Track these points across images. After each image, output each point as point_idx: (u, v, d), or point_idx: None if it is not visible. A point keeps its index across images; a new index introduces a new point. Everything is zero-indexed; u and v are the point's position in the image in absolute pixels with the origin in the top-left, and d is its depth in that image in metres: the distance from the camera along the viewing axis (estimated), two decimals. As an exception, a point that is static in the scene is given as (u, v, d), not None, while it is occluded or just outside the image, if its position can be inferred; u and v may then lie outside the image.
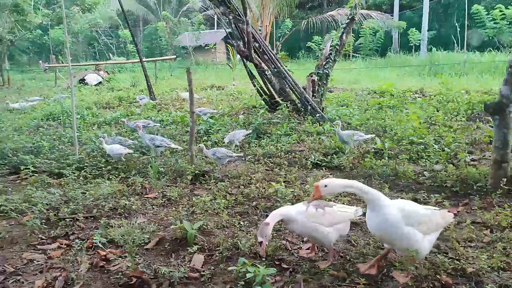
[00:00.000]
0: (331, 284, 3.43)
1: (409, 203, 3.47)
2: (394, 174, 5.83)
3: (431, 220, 3.35)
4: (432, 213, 3.41)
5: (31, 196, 5.25)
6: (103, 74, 22.00)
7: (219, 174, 6.22)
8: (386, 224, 3.21)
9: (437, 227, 3.44)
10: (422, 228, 3.27)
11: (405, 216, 3.22)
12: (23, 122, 10.36)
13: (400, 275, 3.42)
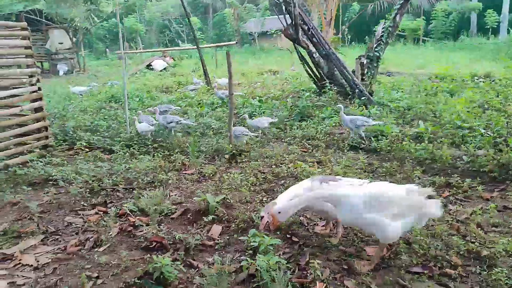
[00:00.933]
0: (337, 259, 3.50)
1: (377, 190, 3.29)
2: (430, 158, 5.67)
3: (404, 204, 3.23)
4: (408, 194, 3.27)
5: (80, 169, 5.78)
6: (168, 60, 22.92)
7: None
8: (349, 214, 3.22)
9: (412, 210, 3.27)
10: (392, 212, 3.18)
11: (367, 204, 3.16)
12: (89, 103, 11.19)
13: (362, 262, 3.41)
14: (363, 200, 3.17)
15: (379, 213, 3.15)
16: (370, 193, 3.22)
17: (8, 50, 6.75)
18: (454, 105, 7.57)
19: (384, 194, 3.24)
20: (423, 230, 3.82)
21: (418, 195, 3.31)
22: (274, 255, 3.29)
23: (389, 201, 3.20)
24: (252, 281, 3.17)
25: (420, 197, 3.30)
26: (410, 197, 3.27)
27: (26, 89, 6.94)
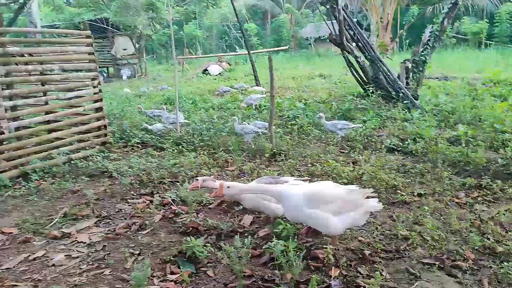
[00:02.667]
0: (355, 248, 3.74)
1: (317, 187, 3.64)
2: (464, 161, 5.71)
3: (345, 201, 3.50)
4: (348, 193, 3.55)
5: (133, 163, 6.38)
6: (224, 65, 23.70)
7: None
8: (291, 210, 3.53)
9: (353, 207, 3.53)
10: (330, 208, 3.44)
11: (308, 200, 3.44)
12: (146, 105, 11.98)
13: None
14: (303, 197, 3.46)
15: (319, 208, 3.43)
16: (310, 191, 3.52)
17: (74, 56, 7.53)
18: (498, 109, 7.46)
19: (323, 192, 3.54)
20: (444, 227, 3.97)
21: (357, 194, 3.58)
22: (295, 241, 3.59)
23: (328, 198, 3.49)
24: (273, 263, 3.49)
25: (359, 196, 3.57)
26: (349, 196, 3.54)
27: (89, 91, 7.70)
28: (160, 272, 3.49)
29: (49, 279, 3.48)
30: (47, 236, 4.31)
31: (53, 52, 7.37)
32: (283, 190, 3.59)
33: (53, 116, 7.22)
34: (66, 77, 7.50)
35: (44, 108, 7.16)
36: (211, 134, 7.97)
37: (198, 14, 36.05)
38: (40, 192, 5.63)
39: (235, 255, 3.46)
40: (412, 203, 4.67)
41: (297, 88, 14.27)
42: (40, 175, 6.23)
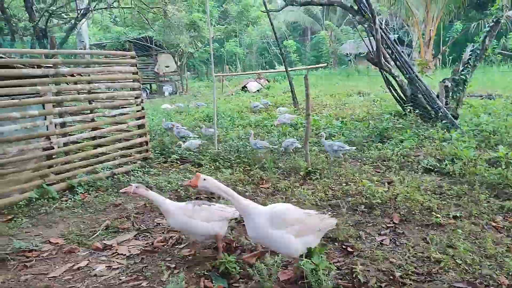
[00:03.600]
0: (386, 269, 3.75)
1: (281, 209, 3.62)
2: (504, 183, 5.58)
3: (305, 224, 3.54)
4: (307, 217, 3.60)
5: (172, 178, 6.62)
6: (263, 82, 24.02)
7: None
8: (255, 229, 3.49)
9: (312, 229, 3.58)
10: (292, 230, 3.47)
11: (272, 221, 3.45)
12: (186, 121, 12.35)
13: (284, 273, 3.68)
14: (269, 218, 3.46)
15: (282, 230, 3.44)
16: (275, 212, 3.53)
17: (119, 75, 7.93)
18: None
19: (287, 214, 3.55)
20: (478, 251, 3.92)
21: (317, 219, 3.63)
22: (325, 261, 3.65)
23: (291, 221, 3.50)
24: (303, 282, 3.56)
25: (317, 221, 3.62)
26: (309, 220, 3.59)
27: (132, 108, 8.07)
28: (194, 286, 3.63)
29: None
30: (90, 247, 4.56)
31: (100, 72, 7.81)
32: (252, 206, 3.56)
33: (98, 132, 7.62)
34: (111, 96, 7.90)
35: (91, 125, 7.57)
36: (248, 151, 8.13)
37: (239, 31, 36.76)
38: (85, 204, 5.96)
39: (266, 272, 3.56)
40: (447, 225, 4.62)
41: (335, 105, 14.29)
42: (85, 189, 6.58)
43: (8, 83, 6.02)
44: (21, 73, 6.18)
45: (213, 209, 4.19)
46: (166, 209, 4.10)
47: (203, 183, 3.61)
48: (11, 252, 4.45)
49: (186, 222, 4.06)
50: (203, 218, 4.07)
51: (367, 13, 9.74)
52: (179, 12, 22.00)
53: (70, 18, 19.94)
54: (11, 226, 5.23)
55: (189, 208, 4.11)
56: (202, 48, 29.63)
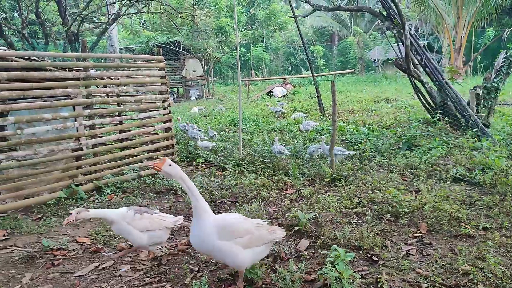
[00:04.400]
0: (412, 280, 3.67)
1: (230, 219, 3.54)
2: (537, 194, 5.39)
3: (254, 235, 3.47)
4: (257, 228, 3.54)
5: (196, 182, 6.66)
6: (289, 87, 23.97)
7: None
8: (201, 237, 3.37)
9: (261, 241, 3.52)
10: (241, 242, 3.40)
11: (220, 231, 3.36)
12: (212, 125, 12.43)
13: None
14: (217, 227, 3.36)
15: (230, 241, 3.36)
16: (223, 222, 3.45)
17: (147, 79, 8.05)
18: None
19: (236, 225, 3.47)
20: (509, 264, 3.79)
21: (265, 230, 3.59)
22: (349, 269, 3.60)
23: (240, 232, 3.43)
24: (326, 290, 3.52)
25: (266, 232, 3.56)
26: (258, 231, 3.51)
27: (159, 111, 8.18)
28: (216, 290, 3.64)
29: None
30: (115, 247, 4.63)
31: (129, 75, 7.94)
32: (205, 210, 3.44)
33: (126, 134, 7.75)
34: (139, 99, 8.02)
35: (119, 127, 7.70)
36: (272, 156, 8.12)
37: (265, 37, 36.88)
38: (111, 205, 6.05)
39: (289, 278, 3.54)
40: (477, 237, 4.49)
41: (362, 111, 14.14)
42: (112, 190, 6.70)
43: (41, 85, 6.20)
44: (53, 75, 6.35)
45: (154, 218, 4.15)
46: (109, 219, 4.05)
47: (167, 168, 3.45)
48: (40, 250, 4.56)
49: (125, 229, 4.03)
50: (141, 228, 4.05)
51: (396, 19, 9.61)
52: (207, 17, 22.24)
53: (101, 23, 20.42)
54: (40, 225, 5.36)
55: (131, 215, 4.07)
56: (228, 53, 29.86)
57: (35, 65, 6.32)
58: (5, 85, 5.84)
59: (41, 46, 16.53)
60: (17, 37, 17.68)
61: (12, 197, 6.02)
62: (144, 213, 4.14)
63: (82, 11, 16.88)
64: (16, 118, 5.92)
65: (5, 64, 5.98)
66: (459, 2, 25.28)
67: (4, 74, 5.78)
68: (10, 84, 5.87)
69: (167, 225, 4.23)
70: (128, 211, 4.09)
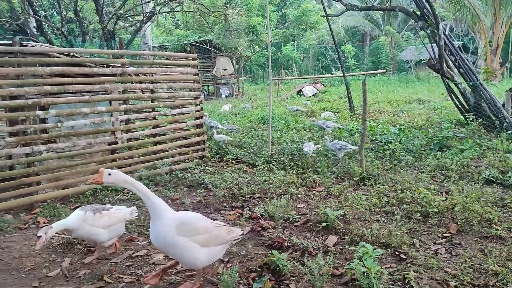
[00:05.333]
0: (440, 278, 3.68)
1: (190, 216, 3.52)
2: None
3: (212, 234, 3.46)
4: (215, 228, 3.54)
5: (226, 177, 6.81)
6: (319, 86, 23.90)
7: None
8: (160, 234, 3.30)
9: (219, 241, 3.52)
10: (199, 239, 3.37)
11: (180, 226, 3.31)
12: (241, 123, 12.59)
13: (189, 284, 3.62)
14: (176, 223, 3.32)
15: (189, 238, 3.33)
16: (182, 218, 3.40)
17: (181, 76, 8.25)
18: None
19: (195, 222, 3.45)
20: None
21: (224, 230, 3.60)
22: (377, 265, 3.64)
23: (199, 229, 3.41)
24: (354, 284, 3.57)
25: (225, 232, 3.59)
26: (216, 231, 3.51)
27: (191, 108, 8.37)
28: (245, 280, 3.75)
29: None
30: (148, 237, 4.80)
31: (163, 72, 8.16)
32: (163, 208, 3.37)
33: (159, 130, 7.97)
34: (172, 95, 8.23)
35: (152, 123, 7.93)
36: (301, 154, 8.18)
37: (296, 36, 36.82)
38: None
39: (316, 272, 3.61)
40: (508, 238, 4.44)
41: (393, 112, 14.00)
42: (145, 183, 6.89)
43: (81, 80, 6.46)
44: (92, 71, 6.61)
45: (112, 213, 4.20)
46: (70, 228, 3.99)
47: (108, 178, 3.31)
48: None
49: (88, 231, 4.04)
50: (103, 225, 4.09)
51: (430, 19, 9.50)
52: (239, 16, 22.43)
53: (136, 21, 20.90)
54: (78, 214, 5.60)
55: (91, 216, 4.05)
56: (259, 52, 29.98)
57: (75, 61, 6.59)
58: (48, 79, 6.13)
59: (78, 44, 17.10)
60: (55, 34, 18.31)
61: (51, 186, 6.31)
62: (102, 210, 4.16)
63: (118, 9, 17.38)
64: (57, 112, 6.20)
65: (47, 60, 6.27)
66: (496, 2, 24.56)
67: (47, 69, 6.07)
68: (52, 79, 6.16)
69: (125, 217, 4.32)
70: (87, 213, 4.04)
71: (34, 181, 6.04)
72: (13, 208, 5.82)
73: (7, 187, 5.95)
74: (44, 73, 6.08)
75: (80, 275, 3.94)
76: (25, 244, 4.66)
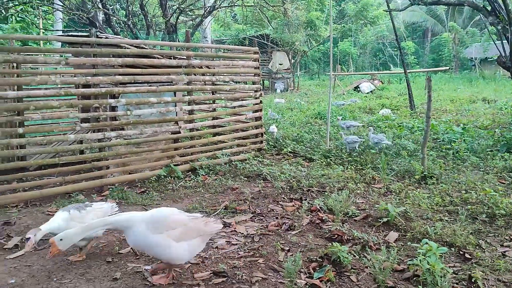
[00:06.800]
0: (507, 281, 3.58)
1: (160, 212, 3.48)
2: None
3: (187, 227, 3.41)
4: (191, 220, 3.49)
5: (284, 170, 6.90)
6: (377, 83, 23.42)
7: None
8: (135, 238, 3.29)
9: (196, 233, 3.46)
10: (174, 234, 3.32)
11: (152, 225, 3.28)
12: (298, 118, 12.62)
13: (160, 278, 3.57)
14: (148, 223, 3.27)
15: (162, 234, 3.27)
16: (153, 216, 3.34)
17: (241, 69, 8.42)
18: None
19: (168, 217, 3.38)
20: None
21: (201, 222, 3.55)
22: (441, 263, 3.59)
23: (172, 224, 3.34)
24: (416, 280, 3.55)
25: (201, 224, 3.53)
26: (192, 223, 3.43)
27: (251, 101, 8.51)
28: (306, 269, 3.82)
29: (213, 258, 4.08)
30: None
31: (225, 65, 8.36)
32: (129, 218, 3.34)
33: (219, 121, 8.18)
34: (233, 88, 8.41)
35: (212, 114, 8.15)
36: (360, 150, 8.10)
37: (354, 31, 36.18)
38: (206, 186, 6.48)
39: (378, 265, 3.62)
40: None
41: (455, 111, 13.50)
42: (205, 172, 7.14)
43: (149, 71, 6.77)
44: (160, 63, 6.90)
45: (97, 209, 4.15)
46: (55, 229, 3.78)
47: (62, 244, 3.21)
48: (146, 219, 5.06)
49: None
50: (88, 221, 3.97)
51: (502, 14, 9.05)
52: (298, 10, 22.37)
53: (196, 16, 21.40)
54: (144, 197, 5.91)
55: (76, 214, 3.92)
56: (316, 47, 29.77)
57: (144, 52, 6.91)
58: (119, 70, 6.47)
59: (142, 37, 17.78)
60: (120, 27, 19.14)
61: (119, 171, 6.67)
62: (85, 207, 4.06)
63: (181, 3, 17.89)
64: (127, 101, 6.54)
65: (120, 51, 6.61)
66: None
67: (119, 60, 6.41)
68: (123, 69, 6.49)
69: (107, 212, 4.27)
70: (71, 212, 3.91)
71: (104, 165, 6.43)
72: (84, 189, 6.22)
73: (80, 169, 6.38)
74: (116, 64, 6.42)
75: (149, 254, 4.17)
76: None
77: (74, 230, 3.28)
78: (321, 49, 38.22)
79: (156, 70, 6.91)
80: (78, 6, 16.33)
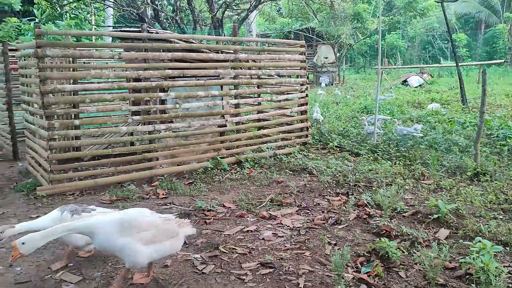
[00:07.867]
0: None
1: (131, 214, 3.36)
2: None
3: (159, 228, 3.31)
4: (163, 222, 3.39)
5: (330, 164, 6.86)
6: (426, 77, 22.67)
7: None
8: (104, 240, 3.14)
9: (168, 235, 3.37)
10: (145, 236, 3.21)
11: (122, 227, 3.14)
12: (344, 112, 12.46)
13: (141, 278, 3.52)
14: (117, 225, 3.13)
15: (132, 237, 3.13)
16: (123, 218, 3.19)
17: (287, 63, 8.40)
18: None
19: (139, 219, 3.24)
20: None
21: (174, 223, 3.45)
22: (495, 262, 3.47)
23: (143, 226, 3.21)
24: (469, 279, 3.45)
25: (175, 225, 3.43)
26: (165, 225, 3.31)
27: (296, 95, 8.49)
28: (353, 264, 3.80)
29: (260, 249, 4.13)
30: (257, 215, 5.05)
31: (271, 59, 8.37)
32: (96, 221, 3.19)
33: (264, 115, 8.22)
34: (279, 82, 8.42)
35: (258, 108, 8.19)
36: (408, 145, 7.91)
37: (403, 24, 35.15)
38: (251, 178, 6.55)
39: (427, 262, 3.54)
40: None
41: (511, 106, 12.87)
42: (251, 164, 7.21)
43: (197, 65, 6.89)
44: (208, 57, 7.01)
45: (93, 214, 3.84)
46: (37, 228, 3.45)
47: (24, 248, 2.99)
48: (194, 210, 5.19)
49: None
50: None
51: None
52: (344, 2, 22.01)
53: (242, 10, 21.49)
54: (192, 188, 6.06)
55: (67, 218, 3.57)
56: (362, 40, 29.16)
57: (193, 47, 7.04)
58: (169, 64, 6.64)
59: (189, 31, 18.09)
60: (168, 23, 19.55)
61: (167, 163, 6.86)
62: (82, 212, 3.69)
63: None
64: (176, 94, 6.71)
65: (169, 45, 6.78)
66: None
67: (169, 54, 6.57)
68: (173, 64, 6.65)
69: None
70: (64, 214, 3.61)
71: (154, 156, 6.63)
72: (135, 179, 6.45)
73: (131, 160, 6.62)
74: (166, 58, 6.59)
75: (198, 243, 4.28)
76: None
77: (39, 233, 3.06)
78: (367, 42, 37.32)
79: (204, 64, 7.03)
80: (129, 2, 16.83)
